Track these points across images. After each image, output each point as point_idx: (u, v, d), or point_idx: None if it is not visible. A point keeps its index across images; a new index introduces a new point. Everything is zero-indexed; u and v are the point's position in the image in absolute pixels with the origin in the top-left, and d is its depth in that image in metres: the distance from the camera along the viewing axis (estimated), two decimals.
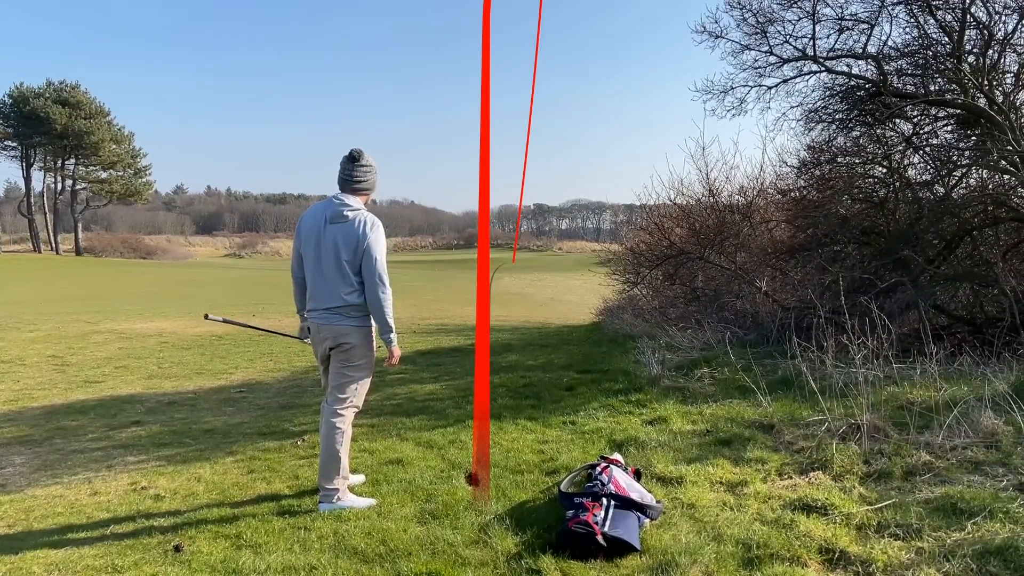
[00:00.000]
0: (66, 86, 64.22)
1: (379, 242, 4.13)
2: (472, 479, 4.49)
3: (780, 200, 10.43)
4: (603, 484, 3.80)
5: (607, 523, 3.46)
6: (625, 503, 3.63)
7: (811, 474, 4.38)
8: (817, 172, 9.79)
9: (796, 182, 10.22)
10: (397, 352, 4.28)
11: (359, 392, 4.30)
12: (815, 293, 9.02)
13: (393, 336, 4.21)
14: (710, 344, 8.51)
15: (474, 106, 4.11)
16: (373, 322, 4.26)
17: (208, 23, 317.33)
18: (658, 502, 3.85)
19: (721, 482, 4.30)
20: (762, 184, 10.87)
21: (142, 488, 4.64)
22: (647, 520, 3.65)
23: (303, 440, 5.63)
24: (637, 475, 4.21)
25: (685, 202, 10.55)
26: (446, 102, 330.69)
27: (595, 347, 9.80)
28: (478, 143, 4.14)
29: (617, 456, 4.45)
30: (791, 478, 4.35)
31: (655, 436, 5.22)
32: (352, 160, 4.26)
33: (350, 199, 4.20)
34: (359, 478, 4.58)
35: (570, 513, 3.58)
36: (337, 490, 4.13)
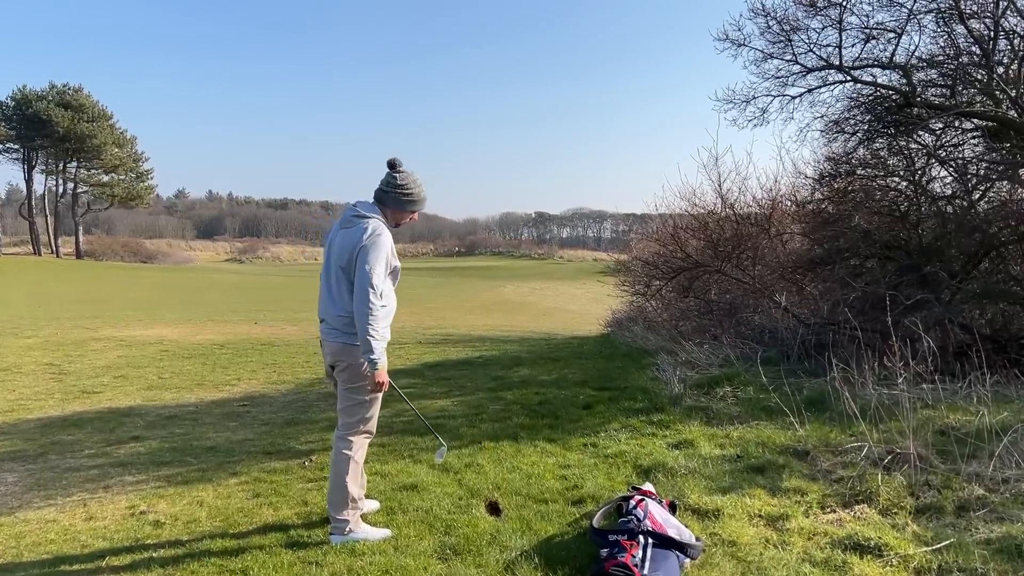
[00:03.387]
0: (69, 89, 64.07)
1: (375, 249, 3.68)
2: (493, 508, 4.22)
3: (797, 212, 10.15)
4: (639, 520, 3.52)
5: (647, 565, 3.19)
6: (664, 541, 3.35)
7: (856, 507, 4.10)
8: (837, 184, 9.52)
9: (814, 194, 9.95)
10: (379, 377, 3.76)
11: (366, 416, 3.93)
12: (835, 308, 8.75)
13: (375, 357, 3.70)
14: (729, 360, 8.23)
15: (476, 113, 3.84)
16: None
17: (212, 28, 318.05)
18: (698, 539, 3.57)
19: (760, 515, 4.02)
20: (777, 196, 10.60)
21: (141, 513, 4.37)
22: (687, 560, 3.38)
23: (311, 461, 5.35)
24: (672, 508, 3.93)
25: (699, 212, 10.26)
26: (448, 109, 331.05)
27: (609, 362, 9.52)
28: (480, 150, 3.86)
29: (649, 486, 4.18)
30: (834, 511, 4.07)
31: (683, 462, 4.94)
32: (388, 168, 3.97)
33: (369, 207, 3.91)
34: (373, 504, 4.29)
35: (605, 552, 3.31)
36: (348, 521, 3.84)
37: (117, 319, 17.51)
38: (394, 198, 3.89)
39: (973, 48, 7.86)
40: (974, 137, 8.22)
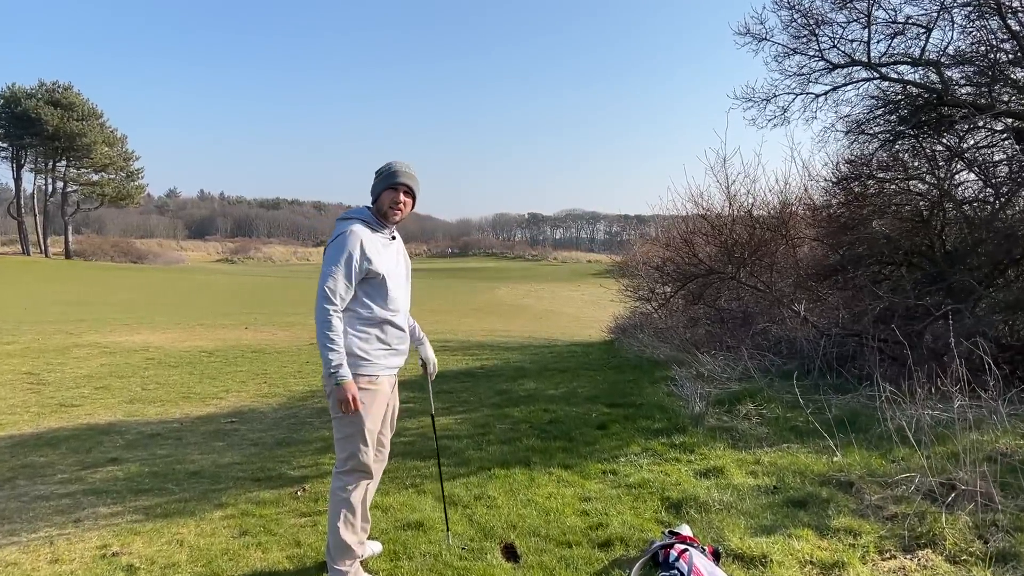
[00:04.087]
0: (59, 87, 63.38)
1: (335, 248, 3.32)
2: (509, 552, 3.75)
3: (813, 217, 9.69)
4: (683, 575, 3.05)
5: None
6: None
7: (919, 553, 3.64)
8: (857, 188, 9.08)
9: (833, 198, 9.50)
10: (340, 393, 3.27)
11: (354, 451, 3.44)
12: (860, 318, 8.31)
13: (332, 370, 3.25)
14: (748, 373, 7.78)
15: (469, 113, 3.38)
16: (362, 359, 3.40)
17: (205, 27, 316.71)
18: None
19: (812, 562, 3.56)
20: (792, 199, 10.14)
21: (113, 554, 3.87)
22: None
23: (304, 490, 4.86)
24: (716, 556, 3.46)
25: (712, 216, 9.78)
26: (441, 110, 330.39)
27: (619, 374, 9.04)
28: (473, 150, 3.40)
29: (686, 529, 3.70)
30: (895, 558, 3.62)
31: (716, 495, 4.47)
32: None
33: (355, 211, 3.56)
34: (375, 547, 3.81)
35: None
36: (345, 573, 3.38)
37: (102, 323, 16.95)
38: (375, 182, 3.55)
39: (1004, 44, 7.45)
40: (1006, 138, 7.78)
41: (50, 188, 67.10)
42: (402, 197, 3.51)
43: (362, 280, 3.37)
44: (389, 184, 3.48)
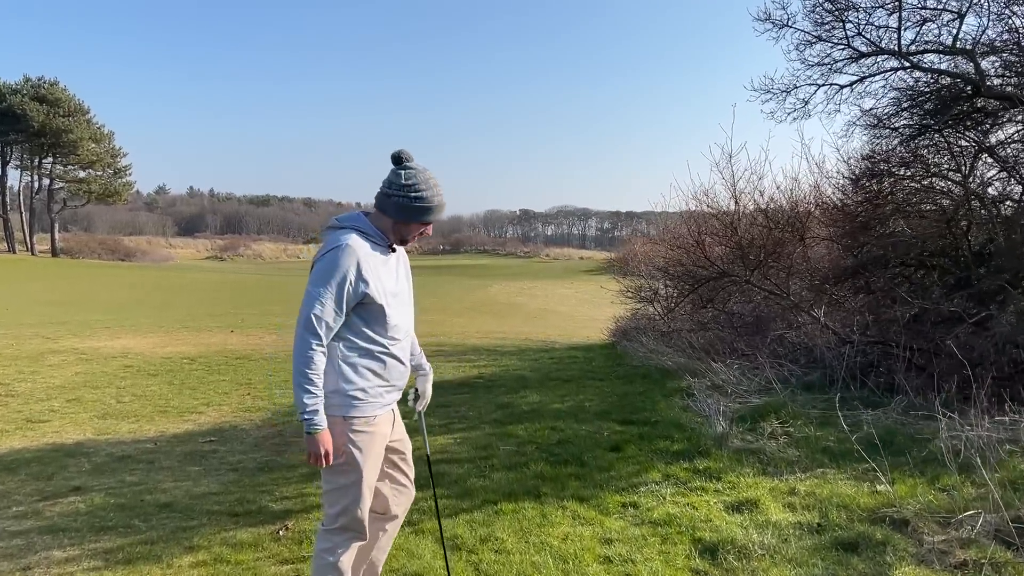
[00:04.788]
0: (44, 83, 62.30)
1: (323, 268, 2.70)
2: None
3: (829, 216, 9.16)
4: None
5: None
6: None
7: None
8: (878, 186, 8.56)
9: (850, 196, 8.98)
10: (315, 447, 2.70)
11: (347, 506, 2.85)
12: (884, 325, 7.80)
13: (306, 416, 2.66)
14: (767, 385, 7.26)
15: (459, 107, 2.79)
16: (356, 398, 2.80)
17: (193, 21, 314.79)
18: None
19: None
20: (807, 198, 9.61)
21: None
22: None
23: (286, 528, 4.31)
24: None
25: (723, 215, 9.23)
26: (430, 103, 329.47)
27: (627, 384, 8.49)
28: (468, 146, 2.80)
29: None
30: None
31: (755, 536, 3.94)
32: (393, 163, 2.88)
33: (351, 217, 2.89)
34: None
35: None
36: None
37: (82, 326, 16.30)
38: (398, 203, 2.80)
39: None
40: None
41: (36, 185, 66.06)
42: (429, 231, 2.95)
43: (357, 304, 2.75)
44: (425, 218, 2.86)
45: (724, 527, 4.09)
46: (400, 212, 2.82)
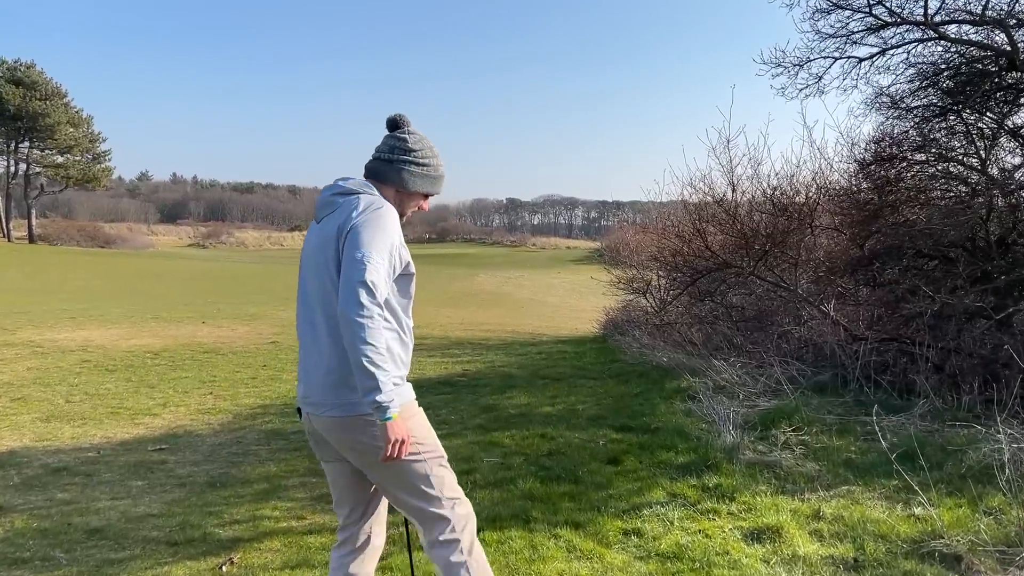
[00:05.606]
0: (21, 65, 60.89)
1: (373, 227, 2.26)
2: None
3: (837, 204, 8.57)
4: None
5: None
6: None
7: None
8: (889, 171, 7.98)
9: (859, 182, 8.40)
10: (392, 432, 2.16)
11: (452, 483, 2.50)
12: (903, 321, 7.24)
13: (383, 399, 2.12)
14: (775, 385, 6.67)
15: (449, 96, 2.18)
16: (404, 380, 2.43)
17: (175, 6, 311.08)
18: None
19: None
20: (807, 184, 9.01)
21: None
22: None
23: (231, 563, 3.66)
24: None
25: (722, 201, 8.59)
26: (418, 88, 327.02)
27: (622, 384, 7.86)
28: (453, 135, 2.21)
29: None
30: None
31: (783, 574, 3.33)
32: (389, 128, 2.55)
33: (361, 183, 2.45)
34: None
35: None
36: None
37: (46, 316, 15.51)
38: (400, 171, 2.49)
39: None
40: None
41: (13, 170, 64.60)
42: (427, 206, 2.69)
43: (397, 277, 2.39)
44: (430, 188, 2.61)
45: (745, 562, 3.48)
46: (405, 180, 2.52)
